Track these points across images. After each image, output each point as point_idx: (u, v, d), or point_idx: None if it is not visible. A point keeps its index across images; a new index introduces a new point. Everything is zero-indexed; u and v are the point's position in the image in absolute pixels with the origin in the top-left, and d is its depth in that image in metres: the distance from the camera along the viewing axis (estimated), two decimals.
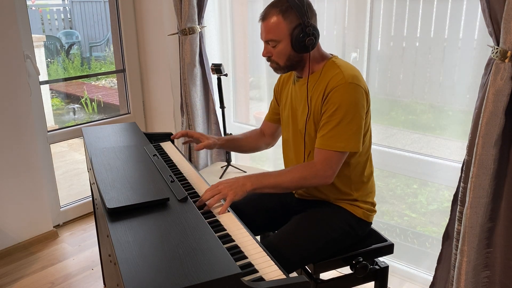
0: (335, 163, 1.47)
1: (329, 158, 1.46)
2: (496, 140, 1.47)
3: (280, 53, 1.52)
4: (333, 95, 1.45)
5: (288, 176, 1.47)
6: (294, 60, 1.53)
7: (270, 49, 1.53)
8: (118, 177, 1.46)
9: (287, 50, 1.50)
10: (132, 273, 0.98)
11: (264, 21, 1.50)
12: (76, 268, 2.47)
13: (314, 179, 1.46)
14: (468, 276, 1.59)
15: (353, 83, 1.44)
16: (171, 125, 3.11)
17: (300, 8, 1.46)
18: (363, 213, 1.61)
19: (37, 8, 5.46)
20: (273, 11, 1.48)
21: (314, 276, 1.59)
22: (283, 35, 1.48)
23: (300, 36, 1.46)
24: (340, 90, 1.44)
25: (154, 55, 3.07)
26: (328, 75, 1.50)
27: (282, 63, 1.54)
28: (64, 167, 4.10)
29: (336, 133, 1.45)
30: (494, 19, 1.43)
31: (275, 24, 1.47)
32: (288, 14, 1.46)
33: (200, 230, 1.16)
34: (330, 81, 1.48)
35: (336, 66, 1.50)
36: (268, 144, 1.90)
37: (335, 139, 1.45)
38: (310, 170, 1.47)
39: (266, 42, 1.53)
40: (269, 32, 1.49)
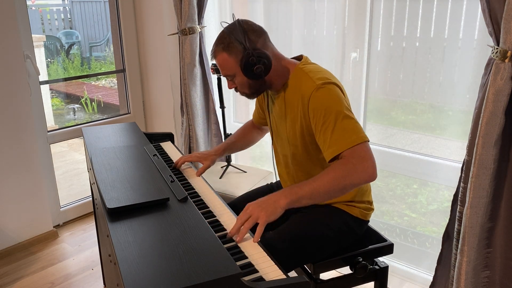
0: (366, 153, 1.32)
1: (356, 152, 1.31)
2: (496, 140, 1.47)
3: (241, 84, 1.53)
4: (313, 104, 1.41)
5: (326, 179, 1.29)
6: (258, 86, 1.53)
7: (231, 83, 1.55)
8: (118, 177, 1.46)
9: (244, 80, 1.51)
10: (132, 273, 0.98)
11: (215, 59, 1.52)
12: (76, 268, 2.47)
13: (355, 175, 1.29)
14: (468, 276, 1.59)
15: (324, 83, 1.41)
16: (171, 125, 3.11)
17: (241, 39, 1.45)
18: (360, 213, 1.61)
19: (37, 8, 5.46)
20: (218, 48, 1.49)
21: (314, 276, 1.59)
22: (234, 69, 1.49)
23: (248, 65, 1.45)
24: (316, 96, 1.41)
25: (154, 55, 3.07)
26: (298, 84, 1.49)
27: (248, 91, 1.55)
28: (64, 167, 4.10)
29: (339, 132, 1.36)
30: (494, 19, 1.43)
31: (224, 61, 1.49)
32: (231, 48, 1.46)
33: (200, 230, 1.16)
34: (302, 91, 1.46)
35: (304, 73, 1.48)
36: (259, 133, 1.93)
37: (342, 139, 1.34)
38: (347, 165, 1.30)
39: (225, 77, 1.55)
40: (222, 69, 1.51)
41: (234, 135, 1.90)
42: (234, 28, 1.47)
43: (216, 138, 2.77)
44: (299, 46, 2.45)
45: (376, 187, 2.38)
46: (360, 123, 2.25)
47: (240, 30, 1.46)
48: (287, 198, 1.28)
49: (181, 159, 1.74)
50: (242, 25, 1.47)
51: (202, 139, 2.74)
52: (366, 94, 2.23)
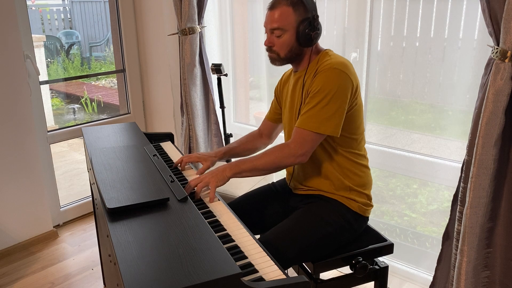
0: (308, 142, 1.49)
1: (303, 137, 1.50)
2: (496, 140, 1.47)
3: (283, 44, 1.54)
4: (318, 77, 1.50)
5: (264, 158, 1.52)
6: (295, 53, 1.56)
7: (273, 39, 1.55)
8: (118, 177, 1.46)
9: (291, 41, 1.53)
10: (132, 273, 0.98)
11: (273, 10, 1.52)
12: (76, 268, 2.47)
13: (288, 159, 1.50)
14: (468, 276, 1.59)
15: (337, 68, 1.48)
16: (171, 125, 3.11)
17: (310, 3, 1.52)
18: (358, 207, 1.61)
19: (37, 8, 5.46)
20: (283, 1, 1.51)
21: (314, 276, 1.59)
22: (290, 25, 1.51)
23: (306, 30, 1.50)
24: (324, 73, 1.48)
25: (154, 55, 3.07)
26: (318, 63, 1.55)
27: (283, 54, 1.56)
28: (64, 167, 4.10)
29: (313, 113, 1.48)
30: (494, 19, 1.43)
31: (284, 14, 1.50)
32: (298, 6, 1.50)
33: (200, 230, 1.16)
34: (319, 67, 1.52)
35: (327, 56, 1.55)
36: (265, 144, 1.93)
37: (310, 119, 1.49)
38: (283, 150, 1.51)
39: (270, 31, 1.55)
40: (277, 21, 1.51)
41: (237, 141, 1.91)
42: None
43: (216, 138, 2.77)
44: None
45: (376, 187, 2.38)
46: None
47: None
48: (232, 170, 1.51)
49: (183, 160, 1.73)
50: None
51: (202, 139, 2.74)
52: (366, 94, 2.23)
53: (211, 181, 1.47)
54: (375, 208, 2.34)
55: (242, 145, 1.88)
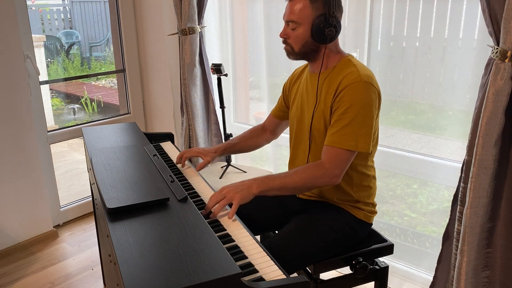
0: (344, 162, 1.44)
1: (338, 157, 1.44)
2: (496, 140, 1.47)
3: (298, 38, 1.51)
4: (347, 93, 1.44)
5: (295, 177, 1.44)
6: (309, 48, 1.52)
7: (288, 31, 1.53)
8: (118, 177, 1.46)
9: (305, 35, 1.49)
10: (132, 273, 0.98)
11: (292, 1, 1.50)
12: (76, 268, 2.47)
13: (321, 179, 1.44)
14: (468, 276, 1.59)
15: (368, 82, 1.44)
16: (171, 125, 3.11)
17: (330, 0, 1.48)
18: (364, 215, 1.61)
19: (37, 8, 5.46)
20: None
21: (314, 276, 1.59)
22: (306, 19, 1.47)
23: (321, 25, 1.46)
24: (354, 88, 1.43)
25: (154, 55, 3.07)
26: (342, 72, 1.50)
27: (297, 48, 1.53)
28: (64, 167, 4.10)
29: (348, 131, 1.43)
30: (494, 19, 1.43)
31: (301, 7, 1.47)
32: (317, 1, 1.46)
33: (200, 230, 1.16)
34: (344, 78, 1.47)
35: (352, 65, 1.50)
36: (268, 140, 1.90)
37: (346, 137, 1.43)
38: (317, 170, 1.44)
39: (286, 23, 1.53)
40: (293, 13, 1.49)
41: (238, 136, 1.89)
42: None
43: (216, 138, 2.77)
44: None
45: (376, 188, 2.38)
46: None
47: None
48: (259, 187, 1.41)
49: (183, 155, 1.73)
50: None
51: (202, 139, 2.74)
52: None
53: (235, 198, 1.37)
54: None
55: (244, 141, 1.86)
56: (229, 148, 1.83)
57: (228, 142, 1.86)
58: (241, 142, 1.85)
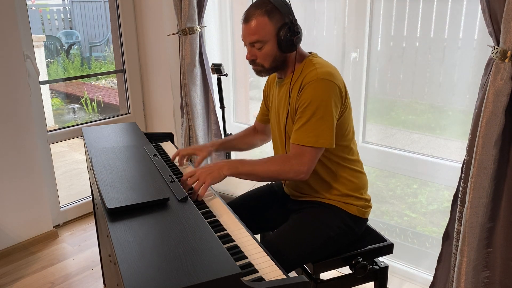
0: (309, 159, 1.46)
1: (302, 153, 1.46)
2: (496, 140, 1.47)
3: (266, 55, 1.50)
4: (305, 90, 1.46)
5: (264, 167, 1.48)
6: (279, 61, 1.53)
7: (254, 52, 1.52)
8: (118, 177, 1.46)
9: (273, 51, 1.50)
10: (132, 273, 0.98)
11: (248, 23, 1.48)
12: (76, 268, 2.47)
13: (288, 174, 1.47)
14: (468, 276, 1.59)
15: (325, 79, 1.45)
16: (171, 125, 3.11)
17: (284, 8, 1.47)
18: (357, 210, 1.61)
19: (37, 8, 5.46)
20: (257, 12, 1.46)
21: (314, 276, 1.59)
22: (270, 35, 1.47)
23: (288, 35, 1.46)
24: (312, 85, 1.45)
25: (154, 55, 3.07)
26: (304, 72, 1.51)
27: (268, 64, 1.53)
28: (64, 167, 4.10)
29: (308, 128, 1.45)
30: (494, 19, 1.43)
31: (261, 25, 1.46)
32: (274, 14, 1.46)
33: (200, 230, 1.16)
34: (304, 77, 1.49)
35: (312, 64, 1.51)
36: (263, 140, 1.92)
37: (306, 133, 1.45)
38: (285, 164, 1.47)
39: (250, 45, 1.51)
40: (255, 34, 1.48)
41: (235, 134, 1.91)
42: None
43: (216, 138, 2.77)
44: None
45: (376, 187, 2.38)
46: (360, 123, 2.26)
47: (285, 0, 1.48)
48: (230, 169, 1.47)
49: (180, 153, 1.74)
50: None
51: (202, 139, 2.74)
52: (366, 94, 2.23)
53: (206, 180, 1.45)
54: (375, 208, 2.33)
55: (240, 138, 1.88)
56: (226, 143, 1.85)
57: (226, 138, 1.89)
58: (237, 139, 1.88)
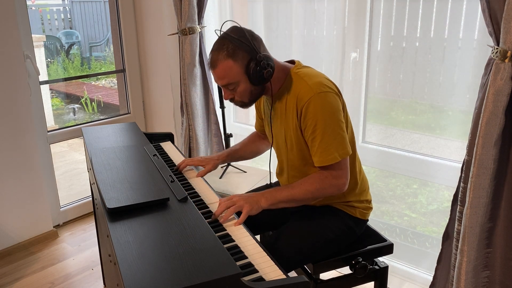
0: (342, 170, 1.45)
1: (334, 170, 1.45)
2: (496, 140, 1.47)
3: (241, 93, 1.49)
4: (308, 111, 1.43)
5: (302, 188, 1.45)
6: (257, 93, 1.52)
7: (230, 93, 1.51)
8: (118, 177, 1.46)
9: (247, 87, 1.48)
10: (132, 273, 0.98)
11: (215, 69, 1.46)
12: (76, 268, 2.47)
13: (329, 190, 1.45)
14: (468, 276, 1.59)
15: (321, 92, 1.42)
16: (171, 125, 3.11)
17: (245, 44, 1.43)
18: (359, 213, 1.62)
19: (37, 8, 5.46)
20: (220, 56, 1.43)
21: (314, 276, 1.59)
22: (239, 76, 1.45)
23: (257, 70, 1.43)
24: (312, 104, 1.42)
25: (154, 55, 3.07)
26: (294, 89, 1.48)
27: (247, 100, 1.52)
28: (64, 167, 4.10)
29: (325, 147, 1.43)
30: (494, 19, 1.43)
31: (228, 69, 1.43)
32: (237, 54, 1.42)
33: (200, 230, 1.16)
34: (298, 95, 1.46)
35: (299, 78, 1.48)
36: (268, 145, 1.88)
37: (327, 153, 1.43)
38: (323, 182, 1.45)
39: (224, 87, 1.50)
40: (224, 78, 1.46)
41: (239, 143, 1.88)
42: (237, 34, 1.44)
43: (216, 138, 2.77)
44: (299, 46, 2.45)
45: (376, 187, 2.38)
46: (360, 123, 2.26)
47: (244, 35, 1.44)
48: (268, 201, 1.42)
49: (184, 163, 1.72)
50: (245, 30, 1.46)
51: (202, 139, 2.74)
52: (366, 94, 2.23)
53: (245, 207, 1.38)
54: (375, 208, 2.33)
55: (245, 147, 1.85)
56: (231, 154, 1.81)
57: (231, 149, 1.84)
58: (243, 148, 1.84)
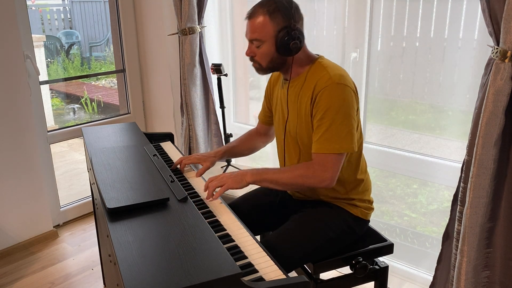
0: (333, 165, 1.45)
1: (326, 161, 1.45)
2: (496, 140, 1.47)
3: (263, 54, 1.50)
4: (322, 97, 1.44)
5: (288, 174, 1.48)
6: (277, 62, 1.52)
7: (254, 49, 1.52)
8: (118, 177, 1.46)
9: (270, 51, 1.49)
10: (132, 273, 0.98)
11: (251, 20, 1.49)
12: (76, 268, 2.47)
13: (312, 180, 1.45)
14: (468, 276, 1.59)
15: (341, 83, 1.43)
16: (171, 125, 3.11)
17: (288, 11, 1.46)
18: (360, 212, 1.62)
19: (37, 8, 5.46)
20: (260, 10, 1.46)
21: (314, 276, 1.59)
22: (268, 36, 1.47)
23: (285, 39, 1.45)
24: (328, 91, 1.43)
25: (154, 55, 3.07)
26: (314, 76, 1.49)
27: (265, 64, 1.53)
28: (64, 167, 4.10)
29: (329, 135, 1.43)
30: (494, 19, 1.43)
31: (261, 24, 1.46)
32: (275, 15, 1.45)
33: (200, 230, 1.16)
34: (317, 82, 1.47)
35: (323, 68, 1.50)
36: (265, 141, 1.90)
37: (328, 142, 1.44)
38: (307, 171, 1.46)
39: (250, 41, 1.52)
40: (254, 32, 1.48)
41: (236, 140, 1.88)
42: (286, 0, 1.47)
43: (216, 138, 2.77)
44: None
45: (376, 187, 2.38)
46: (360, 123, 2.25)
47: (291, 5, 1.47)
48: (253, 176, 1.48)
49: (182, 163, 1.72)
50: (294, 2, 1.49)
51: (202, 139, 2.74)
52: (366, 94, 2.23)
53: (227, 182, 1.46)
54: (375, 208, 2.33)
55: (242, 144, 1.86)
56: (228, 151, 1.82)
57: (227, 145, 1.85)
58: (240, 145, 1.85)
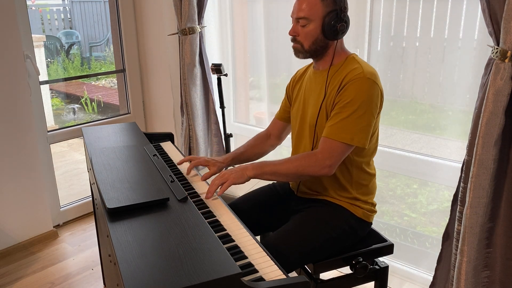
0: (338, 155, 1.45)
1: (332, 148, 1.45)
2: (496, 140, 1.47)
3: (308, 34, 1.51)
4: (349, 87, 1.45)
5: (288, 164, 1.48)
6: (319, 45, 1.53)
7: (298, 29, 1.52)
8: (118, 177, 1.46)
9: (316, 32, 1.50)
10: (132, 273, 0.98)
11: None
12: (76, 268, 2.47)
13: (312, 167, 1.45)
14: (468, 276, 1.59)
15: (371, 79, 1.45)
16: (171, 125, 3.11)
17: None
18: (363, 213, 1.61)
19: (37, 8, 5.46)
20: None
21: (314, 276, 1.59)
22: (317, 16, 1.48)
23: (333, 21, 1.47)
24: (357, 83, 1.45)
25: (154, 55, 3.07)
26: (347, 68, 1.51)
27: (307, 45, 1.53)
28: (64, 167, 4.10)
29: (345, 124, 1.44)
30: (494, 19, 1.43)
31: (312, 3, 1.47)
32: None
33: (200, 230, 1.16)
34: (348, 73, 1.48)
35: (356, 62, 1.52)
36: (273, 145, 1.88)
37: (343, 130, 1.44)
38: (309, 159, 1.47)
39: (296, 20, 1.52)
40: (303, 10, 1.49)
41: (244, 145, 1.86)
42: None
43: (216, 138, 2.77)
44: None
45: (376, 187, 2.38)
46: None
47: None
48: (254, 170, 1.48)
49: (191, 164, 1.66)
50: None
51: (202, 139, 2.74)
52: None
53: (229, 178, 1.46)
54: None
55: (250, 149, 1.83)
56: (236, 157, 1.80)
57: (235, 151, 1.82)
58: (248, 151, 1.83)
